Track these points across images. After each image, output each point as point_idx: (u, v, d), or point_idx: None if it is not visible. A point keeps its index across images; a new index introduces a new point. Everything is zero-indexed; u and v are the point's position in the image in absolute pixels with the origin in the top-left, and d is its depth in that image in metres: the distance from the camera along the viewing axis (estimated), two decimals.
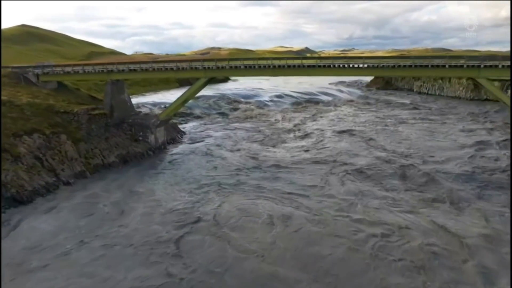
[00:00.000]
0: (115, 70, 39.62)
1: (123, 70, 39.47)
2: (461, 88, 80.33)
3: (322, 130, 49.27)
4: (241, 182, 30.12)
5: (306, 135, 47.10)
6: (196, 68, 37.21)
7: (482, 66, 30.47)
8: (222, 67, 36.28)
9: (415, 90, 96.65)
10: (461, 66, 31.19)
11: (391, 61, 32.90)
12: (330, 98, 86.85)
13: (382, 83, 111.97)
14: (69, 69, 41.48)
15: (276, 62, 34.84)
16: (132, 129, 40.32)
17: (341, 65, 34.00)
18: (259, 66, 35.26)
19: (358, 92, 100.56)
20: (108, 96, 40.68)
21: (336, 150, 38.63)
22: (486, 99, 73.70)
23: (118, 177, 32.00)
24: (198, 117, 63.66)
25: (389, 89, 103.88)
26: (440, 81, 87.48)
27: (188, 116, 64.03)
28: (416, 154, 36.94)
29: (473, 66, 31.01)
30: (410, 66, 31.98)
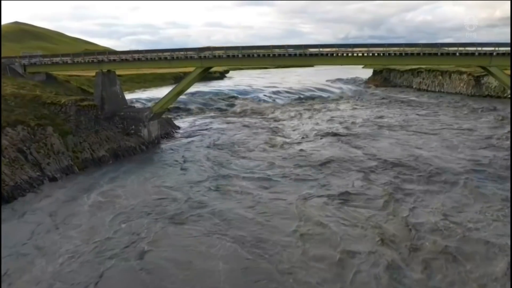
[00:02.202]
0: (105, 60, 37.59)
1: (114, 60, 37.45)
2: (461, 84, 78.91)
3: (315, 130, 43.65)
4: (207, 206, 22.62)
5: (298, 137, 40.70)
6: (191, 57, 35.25)
7: (494, 53, 28.78)
8: (219, 56, 34.34)
9: (414, 86, 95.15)
10: (472, 54, 29.49)
11: (398, 49, 31.14)
12: (327, 95, 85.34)
13: (380, 80, 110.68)
14: (57, 59, 39.33)
15: (276, 51, 32.93)
16: (124, 123, 38.28)
17: (344, 54, 32.22)
18: (258, 55, 33.36)
19: (356, 89, 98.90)
20: (98, 87, 38.61)
21: (327, 160, 30.72)
22: (488, 95, 72.36)
23: (92, 178, 28.40)
24: (193, 113, 62.23)
25: (388, 86, 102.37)
26: (440, 77, 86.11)
27: (184, 111, 62.79)
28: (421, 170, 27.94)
29: (485, 54, 29.31)
30: (418, 54, 30.25)
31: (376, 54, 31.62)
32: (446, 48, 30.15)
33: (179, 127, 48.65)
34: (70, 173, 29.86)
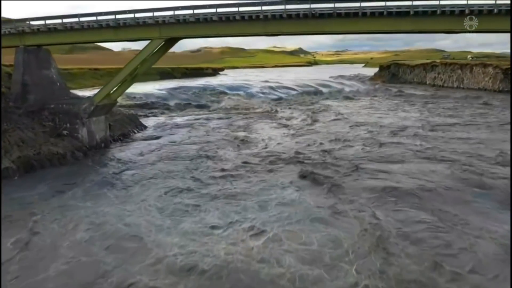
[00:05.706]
0: (27, 30, 26.37)
1: (38, 30, 26.21)
2: (486, 79, 68.18)
3: (290, 149, 27.38)
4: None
5: (264, 159, 25.00)
6: (145, 23, 24.00)
7: None
8: (185, 20, 23.07)
9: (428, 82, 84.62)
10: None
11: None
12: (326, 91, 74.87)
13: (387, 76, 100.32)
14: None
15: (270, 10, 21.70)
16: (55, 119, 27.18)
17: (376, 13, 20.74)
18: (242, 17, 22.12)
19: (361, 86, 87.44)
20: (18, 70, 27.47)
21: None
22: None
23: None
24: (171, 110, 52.03)
25: (396, 83, 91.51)
26: (459, 71, 75.56)
27: (160, 108, 52.60)
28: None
29: None
30: None
31: (447, 12, 19.62)
32: None
33: (145, 127, 37.89)
34: None
